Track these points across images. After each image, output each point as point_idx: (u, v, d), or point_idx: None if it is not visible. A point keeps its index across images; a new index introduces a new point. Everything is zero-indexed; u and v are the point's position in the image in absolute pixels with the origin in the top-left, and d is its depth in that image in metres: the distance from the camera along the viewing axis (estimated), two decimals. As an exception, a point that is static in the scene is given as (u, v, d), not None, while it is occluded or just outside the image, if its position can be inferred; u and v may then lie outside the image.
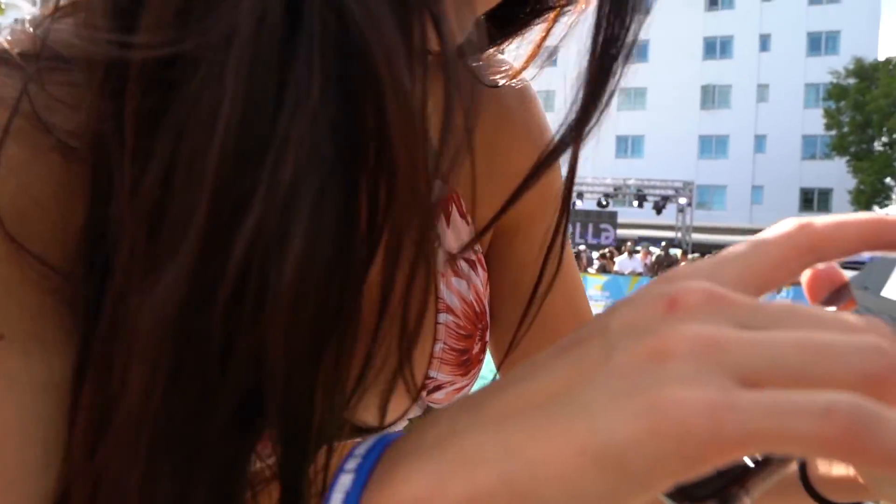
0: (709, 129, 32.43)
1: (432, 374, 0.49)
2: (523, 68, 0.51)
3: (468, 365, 0.51)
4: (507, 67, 0.52)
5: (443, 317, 0.49)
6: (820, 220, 0.24)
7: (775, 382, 0.19)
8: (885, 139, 25.59)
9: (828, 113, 26.78)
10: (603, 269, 12.40)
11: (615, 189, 18.22)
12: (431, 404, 0.50)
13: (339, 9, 0.25)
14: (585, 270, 12.17)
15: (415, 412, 0.49)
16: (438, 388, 0.50)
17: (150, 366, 0.26)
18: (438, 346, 0.49)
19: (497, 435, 0.21)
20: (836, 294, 0.32)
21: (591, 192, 18.36)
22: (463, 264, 0.50)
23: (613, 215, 18.00)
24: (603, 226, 17.77)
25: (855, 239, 0.24)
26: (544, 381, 0.22)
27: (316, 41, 0.25)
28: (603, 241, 17.02)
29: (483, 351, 0.52)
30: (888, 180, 25.31)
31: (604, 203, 17.79)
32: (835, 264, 0.30)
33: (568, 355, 0.22)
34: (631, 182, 18.42)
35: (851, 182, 25.98)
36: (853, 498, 0.38)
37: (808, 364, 0.19)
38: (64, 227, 0.29)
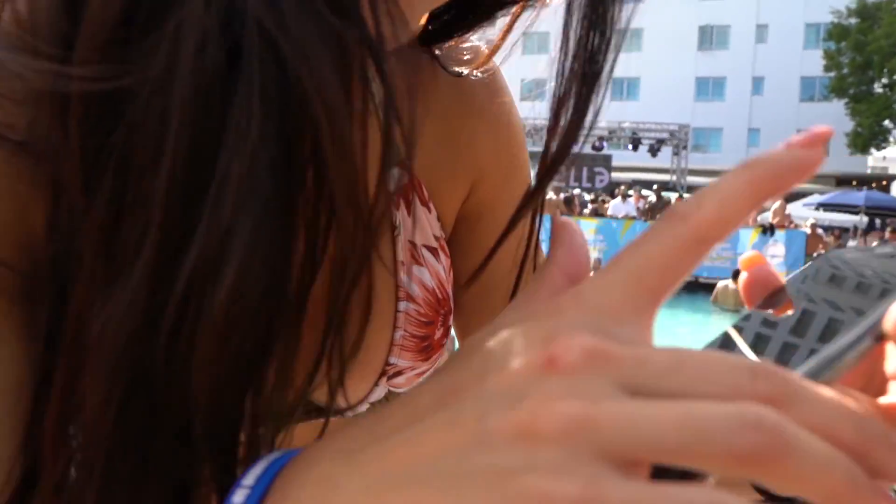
0: (706, 70, 31.86)
1: (392, 360, 0.50)
2: (489, 57, 0.50)
3: (429, 350, 0.51)
4: (473, 55, 0.52)
5: (403, 305, 0.49)
6: (700, 201, 0.23)
7: (653, 462, 0.19)
8: (885, 80, 25.18)
9: (827, 54, 26.26)
10: (596, 213, 12.26)
11: (610, 132, 17.95)
12: (393, 389, 0.51)
13: (275, 49, 0.26)
14: (579, 214, 12.04)
15: (377, 395, 0.50)
16: (399, 373, 0.50)
17: (106, 383, 0.27)
18: (398, 333, 0.49)
19: (373, 500, 0.21)
20: (773, 297, 0.32)
21: (587, 136, 18.02)
22: (425, 251, 0.51)
23: (608, 158, 17.78)
24: (597, 169, 17.56)
25: (743, 208, 0.23)
26: (421, 440, 0.21)
27: (255, 80, 0.26)
28: (597, 185, 16.86)
29: (445, 335, 0.53)
30: (886, 122, 25.01)
31: (598, 146, 17.55)
32: (771, 268, 0.32)
33: (444, 410, 0.21)
34: (626, 125, 18.14)
35: (849, 125, 25.65)
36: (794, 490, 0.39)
37: (686, 445, 0.18)
38: (20, 223, 0.30)
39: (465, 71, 0.51)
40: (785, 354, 0.29)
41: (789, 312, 0.31)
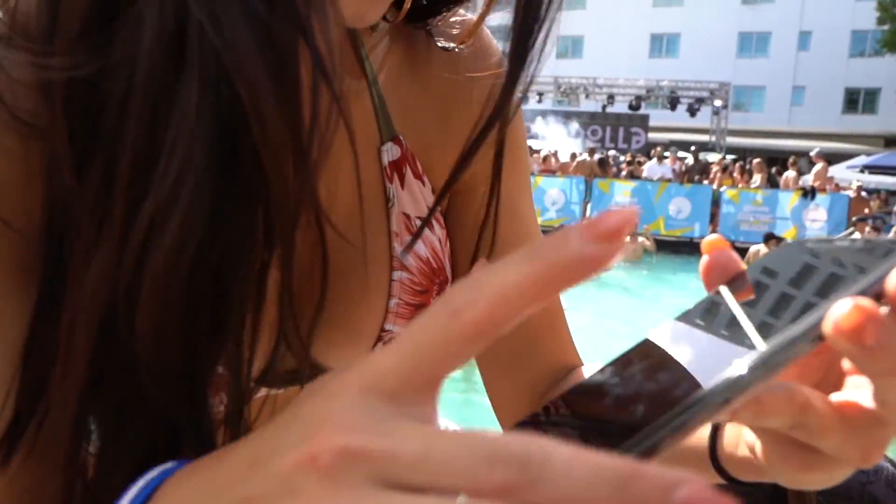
0: (750, 25, 30.65)
1: (388, 326, 0.52)
2: (475, 27, 0.51)
3: None
4: (462, 28, 0.53)
5: (397, 274, 0.52)
6: (475, 296, 0.22)
7: None
8: (941, 34, 23.94)
9: (881, 5, 25.02)
10: (631, 175, 12.01)
11: (647, 91, 17.49)
12: None
13: (213, 45, 0.30)
14: (615, 176, 11.80)
15: None
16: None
17: (87, 332, 0.33)
18: (393, 301, 0.52)
19: None
20: (734, 282, 0.32)
21: (623, 95, 17.62)
22: (419, 223, 0.53)
23: (645, 118, 17.37)
24: (634, 129, 17.18)
25: (519, 307, 0.22)
26: None
27: (196, 66, 0.30)
28: (633, 146, 16.50)
29: None
30: (941, 78, 23.83)
31: (635, 105, 17.12)
32: (732, 253, 0.33)
33: (241, 484, 0.23)
34: (664, 83, 17.63)
35: (901, 81, 24.55)
36: (754, 477, 0.40)
37: None
38: (28, 196, 0.35)
39: (455, 45, 0.53)
40: (781, 305, 0.29)
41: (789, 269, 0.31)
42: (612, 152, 14.04)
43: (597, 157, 12.14)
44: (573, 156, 12.62)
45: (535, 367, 0.58)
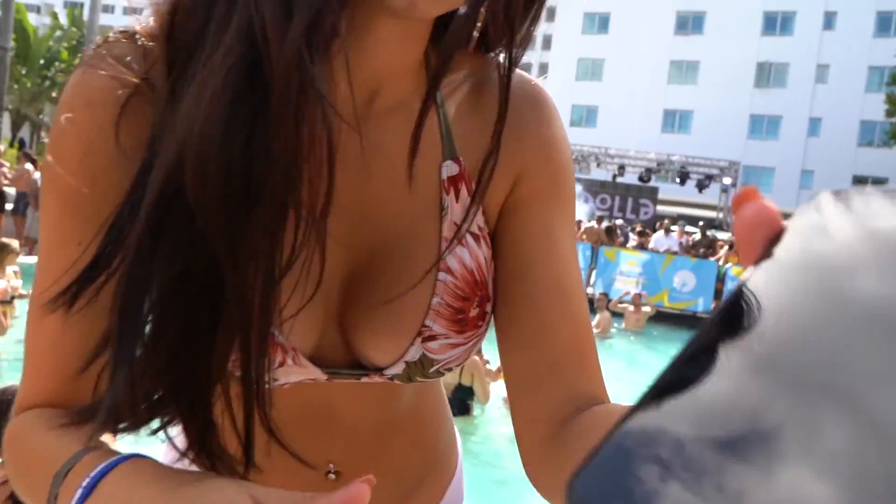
0: (761, 108, 31.31)
1: (428, 322, 0.58)
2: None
3: (463, 324, 0.59)
4: (493, 67, 0.60)
5: (442, 275, 0.58)
6: None
7: None
8: (949, 129, 24.32)
9: (890, 99, 25.55)
10: (640, 246, 12.08)
11: (658, 164, 17.75)
12: (427, 353, 0.58)
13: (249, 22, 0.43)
14: (622, 245, 11.87)
15: (412, 356, 0.58)
16: (433, 338, 0.58)
17: (149, 231, 0.44)
18: (436, 299, 0.58)
19: None
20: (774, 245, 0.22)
21: (634, 166, 17.87)
22: (468, 235, 0.59)
23: (654, 191, 17.55)
24: (643, 200, 17.34)
25: None
26: None
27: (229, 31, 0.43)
28: (641, 217, 16.63)
29: (481, 318, 0.60)
30: (948, 173, 24.09)
31: (645, 178, 17.34)
32: (769, 203, 0.25)
33: None
34: (675, 158, 17.90)
35: (908, 172, 24.81)
36: None
37: None
38: (139, 134, 0.48)
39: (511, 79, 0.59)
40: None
41: None
42: (619, 221, 14.17)
43: (604, 224, 12.26)
44: (580, 222, 12.76)
45: (556, 391, 0.57)
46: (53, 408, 0.52)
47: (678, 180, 17.62)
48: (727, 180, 17.48)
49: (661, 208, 18.59)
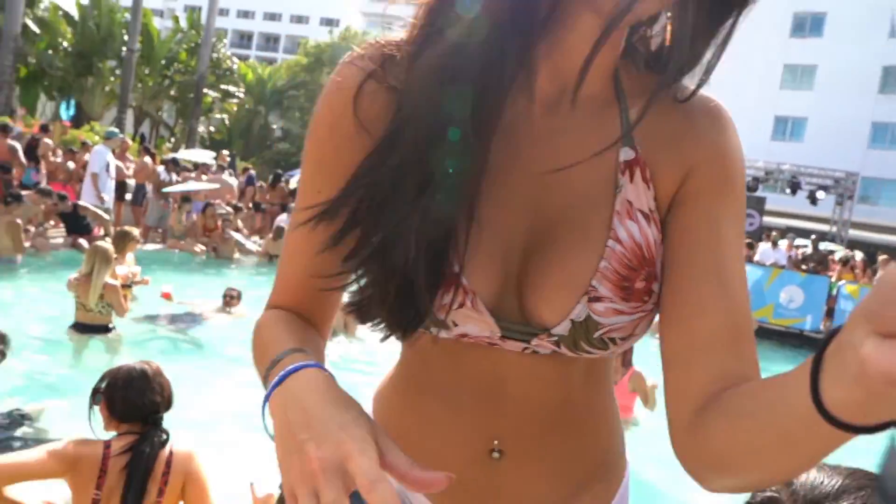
0: (886, 115, 29.15)
1: (594, 283, 0.64)
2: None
3: (628, 292, 0.65)
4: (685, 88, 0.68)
5: (611, 243, 0.65)
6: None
7: None
8: None
9: None
10: (746, 259, 11.50)
11: (766, 173, 16.86)
12: (592, 314, 0.64)
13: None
14: (722, 256, 11.33)
15: (577, 314, 0.64)
16: (598, 299, 0.64)
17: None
18: (603, 263, 0.65)
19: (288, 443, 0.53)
20: None
21: (739, 174, 17.00)
22: (639, 214, 0.66)
23: (761, 201, 16.67)
24: (748, 211, 16.50)
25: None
26: (286, 444, 0.54)
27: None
28: (746, 228, 15.79)
29: (647, 293, 0.65)
30: None
31: (752, 186, 16.52)
32: None
33: (301, 445, 0.52)
34: (785, 167, 16.95)
35: None
36: (876, 418, 0.36)
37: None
38: (379, 126, 0.63)
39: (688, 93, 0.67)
40: None
41: None
42: (722, 231, 13.51)
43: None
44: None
45: (706, 368, 0.60)
46: (290, 311, 0.71)
47: (788, 190, 16.67)
48: (843, 192, 16.37)
49: (768, 219, 17.66)
